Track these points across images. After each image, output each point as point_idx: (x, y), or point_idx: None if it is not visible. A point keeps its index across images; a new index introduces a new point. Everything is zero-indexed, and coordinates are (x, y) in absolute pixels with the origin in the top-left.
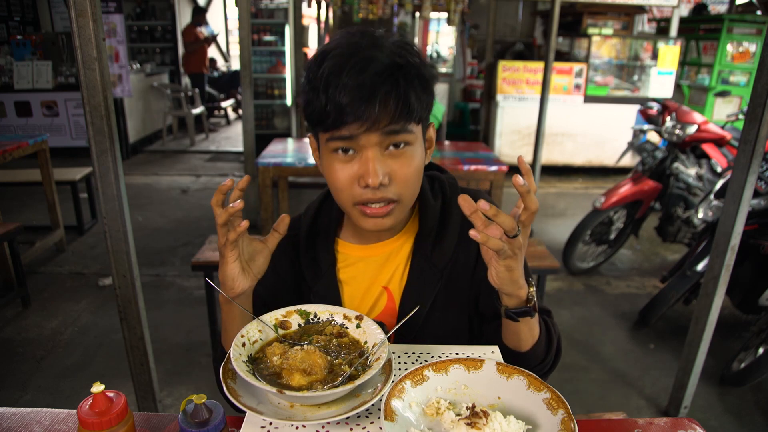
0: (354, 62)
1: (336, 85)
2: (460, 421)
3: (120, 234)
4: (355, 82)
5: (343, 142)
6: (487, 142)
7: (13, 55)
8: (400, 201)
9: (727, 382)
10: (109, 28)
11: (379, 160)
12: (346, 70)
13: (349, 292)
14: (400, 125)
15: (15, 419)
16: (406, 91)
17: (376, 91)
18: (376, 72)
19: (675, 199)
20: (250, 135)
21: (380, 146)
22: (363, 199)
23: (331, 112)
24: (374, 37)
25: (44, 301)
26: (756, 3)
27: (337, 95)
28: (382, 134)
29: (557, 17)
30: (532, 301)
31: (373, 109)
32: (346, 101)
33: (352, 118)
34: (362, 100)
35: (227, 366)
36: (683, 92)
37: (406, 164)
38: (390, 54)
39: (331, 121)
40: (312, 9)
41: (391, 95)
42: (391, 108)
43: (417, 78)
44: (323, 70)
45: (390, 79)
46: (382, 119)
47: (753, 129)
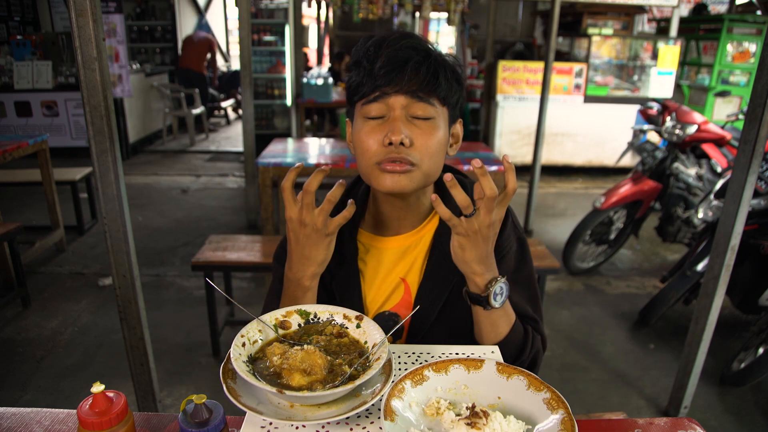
0: (394, 38)
1: (376, 54)
2: (460, 421)
3: (120, 234)
4: (392, 51)
5: (374, 107)
6: (487, 142)
7: (13, 55)
8: (418, 166)
9: (727, 382)
10: (109, 28)
11: (404, 122)
12: (386, 42)
13: (368, 281)
14: (425, 94)
15: (15, 419)
16: (435, 69)
17: (409, 60)
18: (412, 46)
19: (675, 199)
20: (250, 135)
21: (405, 112)
22: (385, 158)
23: (367, 78)
24: (416, 35)
25: (44, 301)
26: (756, 3)
27: (375, 63)
28: (408, 98)
29: (557, 17)
30: (487, 292)
31: (403, 73)
32: (381, 64)
33: (384, 80)
34: (395, 64)
35: (227, 366)
36: (683, 92)
37: (427, 133)
38: (428, 46)
39: (367, 84)
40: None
41: (422, 66)
42: (420, 76)
43: (448, 67)
44: (368, 45)
45: (423, 53)
46: (411, 84)
47: (753, 129)
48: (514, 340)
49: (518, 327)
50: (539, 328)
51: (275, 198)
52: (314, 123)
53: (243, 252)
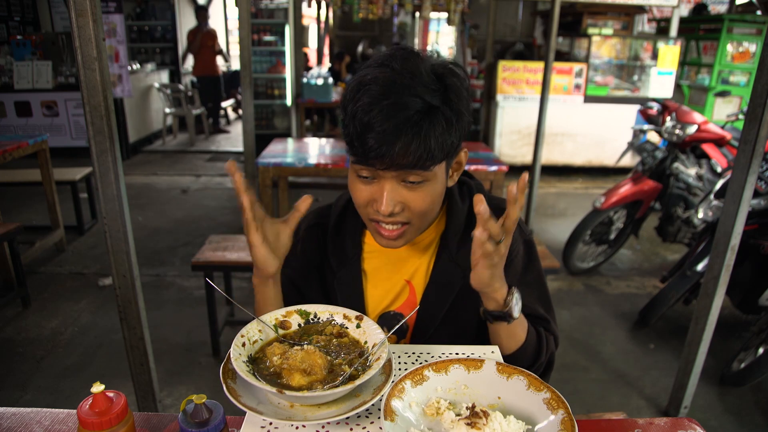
0: (385, 106)
1: (364, 123)
2: (460, 421)
3: (120, 234)
4: (381, 126)
5: (364, 170)
6: (487, 142)
7: (13, 55)
8: (411, 224)
9: (727, 382)
10: (109, 28)
11: (394, 190)
12: (375, 111)
13: (372, 282)
14: (418, 166)
15: (15, 419)
16: (427, 139)
17: (398, 137)
18: (401, 120)
19: (675, 199)
20: (250, 135)
21: (398, 179)
22: (377, 218)
23: (357, 146)
24: (414, 70)
25: (44, 301)
26: (756, 3)
27: (364, 135)
28: (400, 171)
29: (557, 17)
30: (508, 306)
31: (393, 153)
32: (371, 144)
33: (373, 158)
34: (384, 144)
35: (227, 366)
36: (683, 92)
37: (420, 198)
38: (423, 92)
39: (356, 152)
40: (312, 9)
41: (411, 143)
42: (410, 154)
43: (446, 120)
44: (358, 104)
45: (414, 127)
46: (402, 162)
47: (753, 129)
48: (531, 343)
49: (531, 330)
50: (551, 328)
51: (275, 198)
52: (314, 123)
53: (243, 252)
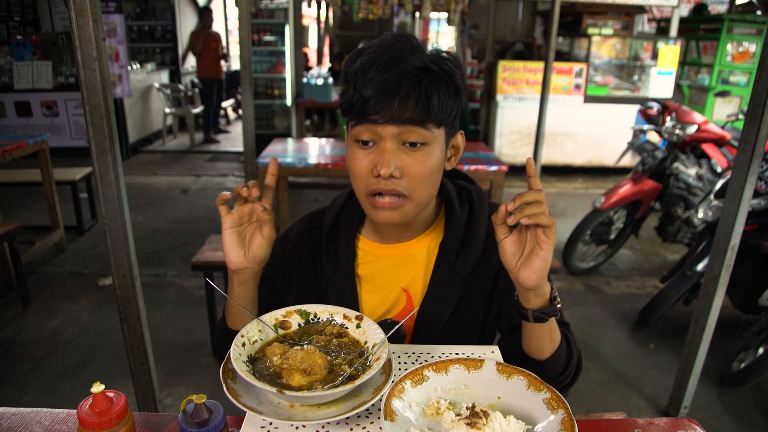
0: (384, 60)
1: (363, 79)
2: (460, 421)
3: (120, 234)
4: (381, 77)
5: (365, 131)
6: (487, 142)
7: (13, 55)
8: (410, 197)
9: (727, 382)
10: (109, 28)
11: (393, 152)
12: (375, 66)
13: (367, 288)
14: (418, 121)
15: (15, 419)
16: (428, 92)
17: (399, 88)
18: (402, 71)
19: (675, 199)
20: (250, 135)
21: (397, 140)
22: (375, 189)
23: (356, 103)
24: (413, 43)
25: (44, 301)
26: (756, 3)
27: (363, 89)
28: (399, 127)
29: (557, 17)
30: (556, 298)
31: (393, 102)
32: (370, 94)
33: (374, 110)
34: (384, 94)
35: (227, 366)
36: (683, 92)
37: (419, 161)
38: (423, 58)
39: (355, 112)
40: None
41: (412, 93)
42: (411, 104)
43: (444, 83)
44: (356, 65)
45: (415, 79)
46: (402, 113)
47: (753, 129)
48: (562, 342)
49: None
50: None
51: (275, 198)
52: (314, 123)
53: None
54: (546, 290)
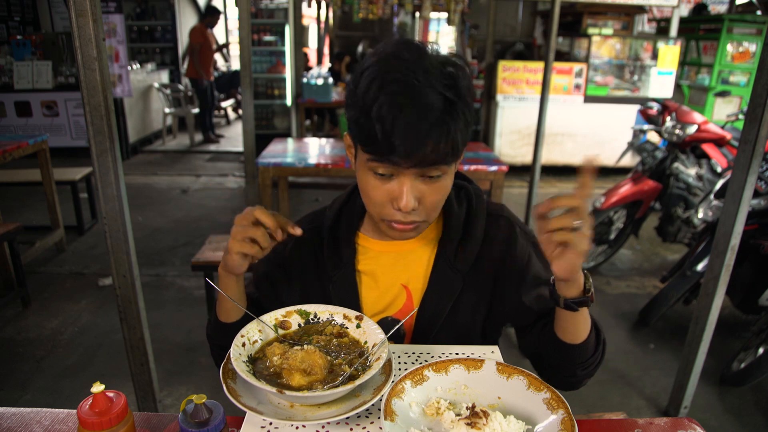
0: (409, 105)
1: (391, 122)
2: (460, 421)
3: (120, 234)
4: (410, 128)
5: (383, 167)
6: (487, 142)
7: (13, 55)
8: (426, 220)
9: (727, 382)
10: (109, 28)
11: (414, 186)
12: (402, 112)
13: (367, 284)
14: (442, 161)
15: (15, 419)
16: (454, 136)
17: (429, 137)
18: (426, 116)
19: (675, 199)
20: (250, 135)
21: (417, 174)
22: (393, 219)
23: (382, 144)
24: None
25: (44, 301)
26: (756, 3)
27: (392, 133)
28: (423, 168)
29: (557, 17)
30: (590, 286)
31: (421, 150)
32: (397, 143)
33: (402, 157)
34: (413, 144)
35: (227, 366)
36: (683, 92)
37: (437, 191)
38: (441, 86)
39: (378, 151)
40: (312, 9)
41: (441, 142)
42: (440, 151)
43: (462, 114)
44: (378, 102)
45: (440, 123)
46: (427, 157)
47: (753, 129)
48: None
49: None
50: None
51: (275, 198)
52: (314, 123)
53: None
54: (579, 282)
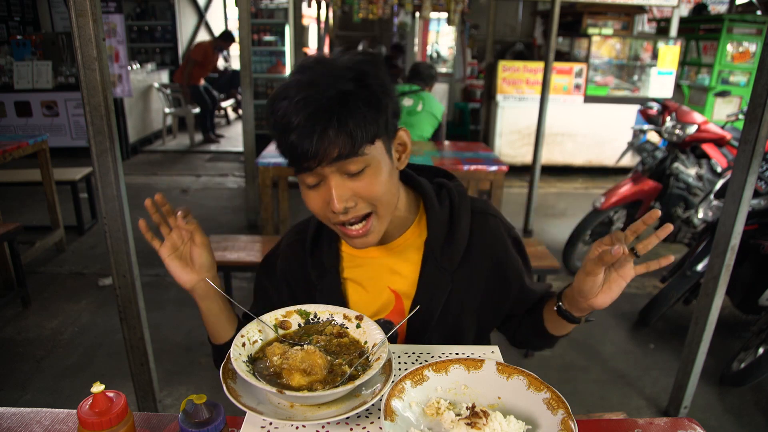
0: (296, 102)
1: (284, 127)
2: (460, 421)
3: (120, 234)
4: (296, 122)
5: (306, 177)
6: (487, 142)
7: (13, 55)
8: (374, 212)
9: (727, 382)
10: (109, 28)
11: (340, 185)
12: (289, 112)
13: (354, 291)
14: (348, 154)
15: (15, 419)
16: (344, 123)
17: (314, 129)
18: (313, 111)
19: (675, 199)
20: (250, 135)
21: (339, 172)
22: (338, 221)
23: (286, 152)
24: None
25: (44, 301)
26: (756, 3)
27: (286, 138)
28: (334, 164)
29: (557, 17)
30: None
31: (315, 146)
32: (292, 141)
33: (302, 157)
34: (304, 138)
35: (227, 366)
36: (683, 92)
37: (369, 183)
38: (335, 82)
39: (290, 158)
40: (312, 9)
41: (328, 130)
42: (332, 140)
43: (362, 101)
44: (278, 110)
45: (326, 114)
46: (330, 152)
47: (753, 129)
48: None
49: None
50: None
51: (275, 198)
52: None
53: (243, 252)
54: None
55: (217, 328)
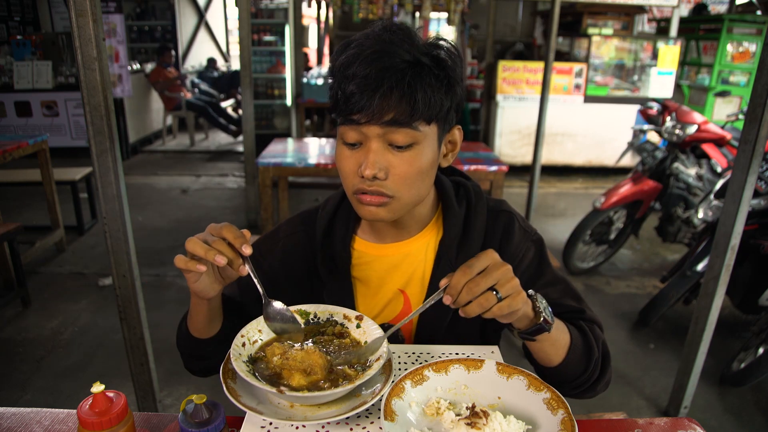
0: (368, 54)
1: (346, 75)
2: (460, 421)
3: (120, 234)
4: (363, 72)
5: (350, 132)
6: (487, 142)
7: (13, 55)
8: (396, 198)
9: (727, 382)
10: (109, 28)
11: (379, 153)
12: (358, 61)
13: (362, 291)
14: (403, 121)
15: (15, 419)
16: (413, 88)
17: (380, 84)
18: (385, 66)
19: (675, 199)
20: (250, 135)
21: (383, 139)
22: (360, 188)
23: (340, 99)
24: (404, 33)
25: (44, 301)
26: (756, 3)
27: (346, 85)
28: (383, 127)
29: (557, 17)
30: (540, 313)
31: (373, 101)
32: (351, 90)
33: (355, 108)
34: (365, 91)
35: (227, 366)
36: (683, 92)
37: (406, 162)
38: (414, 50)
39: (339, 110)
40: (312, 9)
41: (394, 90)
42: (394, 103)
43: (434, 76)
44: (341, 59)
45: (398, 74)
46: (386, 113)
47: (753, 129)
48: (577, 342)
49: (572, 327)
50: (589, 317)
51: (275, 198)
52: (314, 123)
53: None
54: (527, 314)
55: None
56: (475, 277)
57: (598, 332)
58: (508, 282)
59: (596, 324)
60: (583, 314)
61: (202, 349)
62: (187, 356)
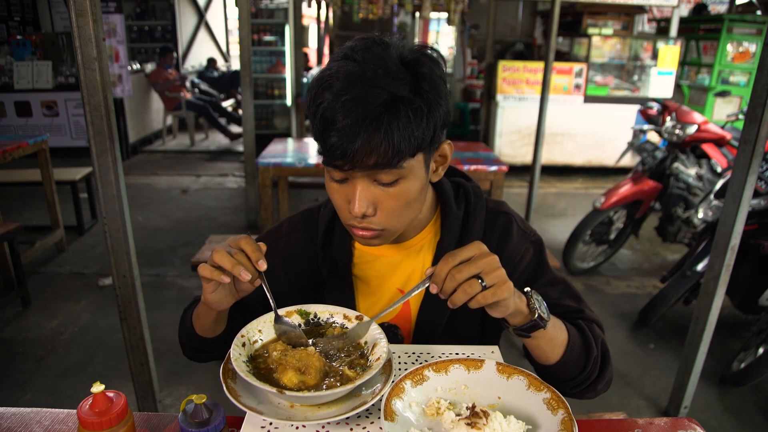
0: (345, 100)
1: (325, 120)
2: (460, 421)
3: (120, 234)
4: (341, 123)
5: (335, 172)
6: (487, 142)
7: (13, 55)
8: (386, 230)
9: (727, 382)
10: (109, 28)
11: (366, 189)
12: (335, 109)
13: (362, 289)
14: (385, 164)
15: (15, 419)
16: (390, 134)
17: (358, 134)
18: (361, 115)
19: (675, 199)
20: (250, 135)
21: (369, 178)
22: (350, 223)
23: (321, 146)
24: (383, 56)
25: (44, 301)
26: (756, 3)
27: (326, 133)
28: (368, 171)
29: (557, 17)
30: (535, 310)
31: (354, 151)
32: (332, 141)
33: (339, 158)
34: (346, 142)
35: (227, 366)
36: (683, 92)
37: (393, 197)
38: (390, 83)
39: (323, 153)
40: (312, 9)
41: (374, 138)
42: (374, 151)
43: (414, 111)
44: (320, 100)
45: (375, 121)
46: (366, 160)
47: (753, 129)
48: (576, 340)
49: (570, 326)
50: (589, 316)
51: (275, 198)
52: None
53: None
54: (521, 309)
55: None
56: (458, 264)
57: (597, 331)
58: (494, 271)
59: (596, 323)
60: (583, 314)
61: (205, 344)
62: (188, 348)
